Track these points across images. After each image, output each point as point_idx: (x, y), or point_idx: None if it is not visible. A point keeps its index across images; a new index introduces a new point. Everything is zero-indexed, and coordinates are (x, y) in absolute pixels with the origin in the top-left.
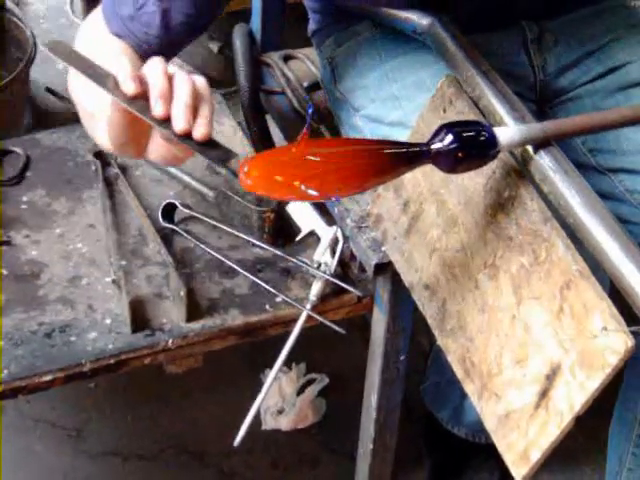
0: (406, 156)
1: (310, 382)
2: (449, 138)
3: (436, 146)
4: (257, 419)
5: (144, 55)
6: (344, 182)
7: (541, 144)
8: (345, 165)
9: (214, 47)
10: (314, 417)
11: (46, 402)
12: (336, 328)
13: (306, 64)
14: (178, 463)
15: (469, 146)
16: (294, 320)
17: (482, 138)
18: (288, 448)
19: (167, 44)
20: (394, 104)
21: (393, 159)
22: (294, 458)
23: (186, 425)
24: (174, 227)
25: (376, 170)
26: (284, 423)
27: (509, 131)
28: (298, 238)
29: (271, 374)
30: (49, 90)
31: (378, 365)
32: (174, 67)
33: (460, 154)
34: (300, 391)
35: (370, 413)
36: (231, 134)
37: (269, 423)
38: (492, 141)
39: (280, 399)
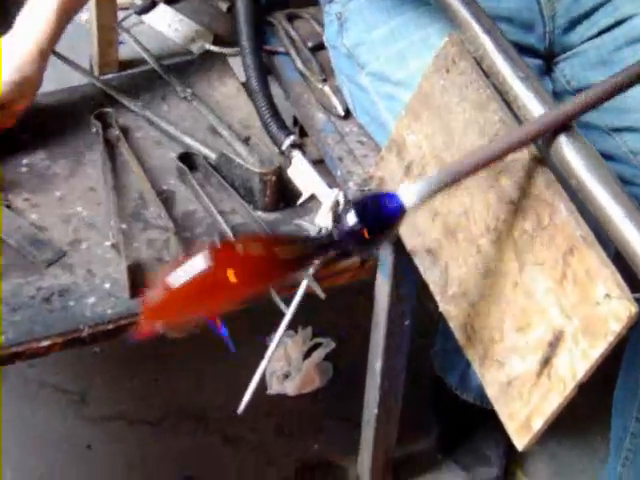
0: (307, 254)
1: (316, 346)
2: (347, 225)
3: (341, 235)
4: (262, 383)
5: None
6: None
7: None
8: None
9: (223, 5)
10: (320, 382)
11: (49, 367)
12: (319, 292)
13: (311, 24)
14: (182, 428)
15: (372, 222)
16: (296, 285)
17: (385, 210)
18: (293, 413)
19: None
20: (400, 62)
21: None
22: (299, 423)
23: (190, 389)
24: (189, 174)
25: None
26: (290, 387)
27: (412, 191)
28: (300, 202)
29: (274, 339)
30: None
31: (382, 331)
32: None
33: (366, 235)
34: (306, 355)
35: (374, 379)
36: (234, 95)
37: (274, 387)
38: (397, 209)
39: (286, 363)
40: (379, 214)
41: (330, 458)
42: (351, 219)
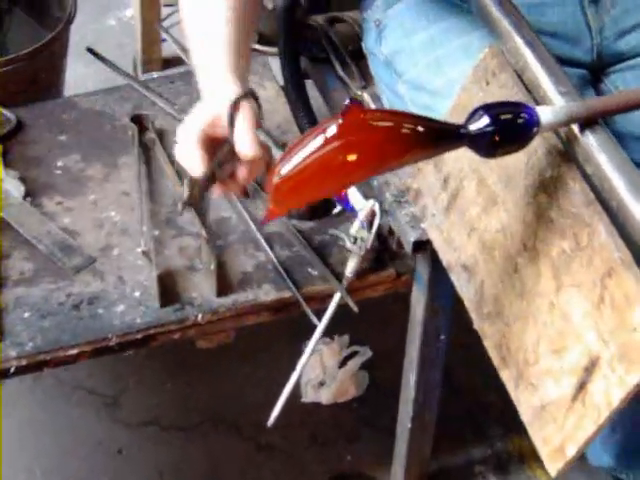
0: (439, 136)
1: (353, 355)
2: (485, 120)
3: (472, 128)
4: (297, 391)
5: None
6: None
7: (586, 122)
8: (371, 143)
9: (268, 3)
10: (356, 391)
11: (84, 369)
12: (352, 305)
13: (353, 28)
14: (215, 434)
15: (506, 129)
16: (329, 296)
17: (521, 120)
18: (327, 422)
19: None
20: (437, 70)
21: (425, 137)
22: (333, 432)
23: (224, 396)
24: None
25: (406, 148)
26: (325, 396)
27: (550, 111)
28: (335, 211)
29: (307, 351)
30: (90, 50)
31: (417, 345)
32: None
33: (496, 137)
34: (342, 364)
35: (409, 392)
36: (273, 98)
37: (309, 396)
38: (532, 123)
39: (321, 371)
40: (513, 122)
41: (363, 469)
42: (483, 121)
